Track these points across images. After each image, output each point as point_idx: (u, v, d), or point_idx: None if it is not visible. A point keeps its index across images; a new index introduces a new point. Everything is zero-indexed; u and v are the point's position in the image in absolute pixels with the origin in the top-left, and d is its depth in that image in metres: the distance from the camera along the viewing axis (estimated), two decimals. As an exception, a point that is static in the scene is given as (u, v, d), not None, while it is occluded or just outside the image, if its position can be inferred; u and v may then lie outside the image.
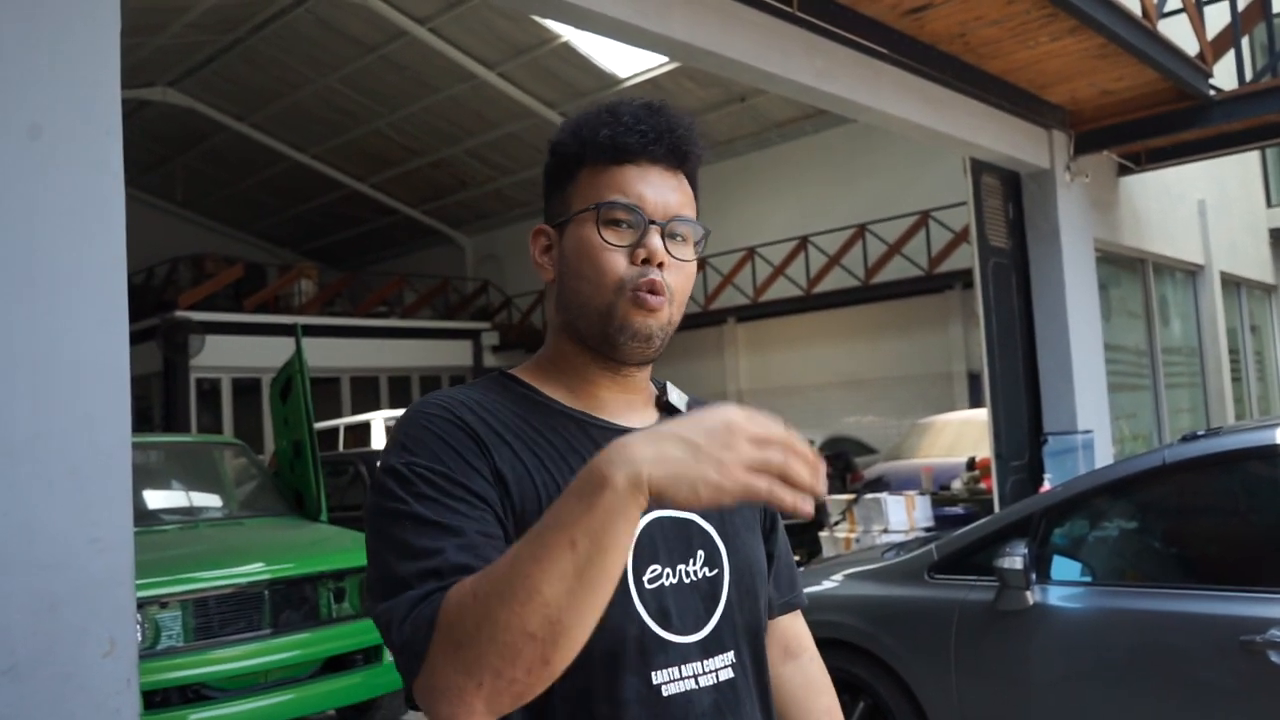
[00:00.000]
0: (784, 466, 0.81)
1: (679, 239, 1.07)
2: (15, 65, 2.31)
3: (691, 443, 0.80)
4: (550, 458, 1.01)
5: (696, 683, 1.01)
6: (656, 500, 0.81)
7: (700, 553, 1.06)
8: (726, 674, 1.04)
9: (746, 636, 1.08)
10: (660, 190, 1.06)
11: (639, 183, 1.06)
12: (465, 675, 0.82)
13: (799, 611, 1.29)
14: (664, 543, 1.03)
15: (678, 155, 1.09)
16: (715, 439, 0.81)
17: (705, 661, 1.02)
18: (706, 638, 1.03)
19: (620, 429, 1.06)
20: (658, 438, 0.82)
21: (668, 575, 1.02)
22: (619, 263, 1.03)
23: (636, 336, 1.04)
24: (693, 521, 1.06)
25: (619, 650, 0.97)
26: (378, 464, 1.01)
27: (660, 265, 1.03)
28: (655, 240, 1.04)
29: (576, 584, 0.80)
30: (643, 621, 0.99)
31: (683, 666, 1.00)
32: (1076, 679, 3.05)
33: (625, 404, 1.11)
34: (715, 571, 1.06)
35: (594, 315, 1.04)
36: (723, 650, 1.04)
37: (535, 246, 1.12)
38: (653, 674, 0.98)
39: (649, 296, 1.03)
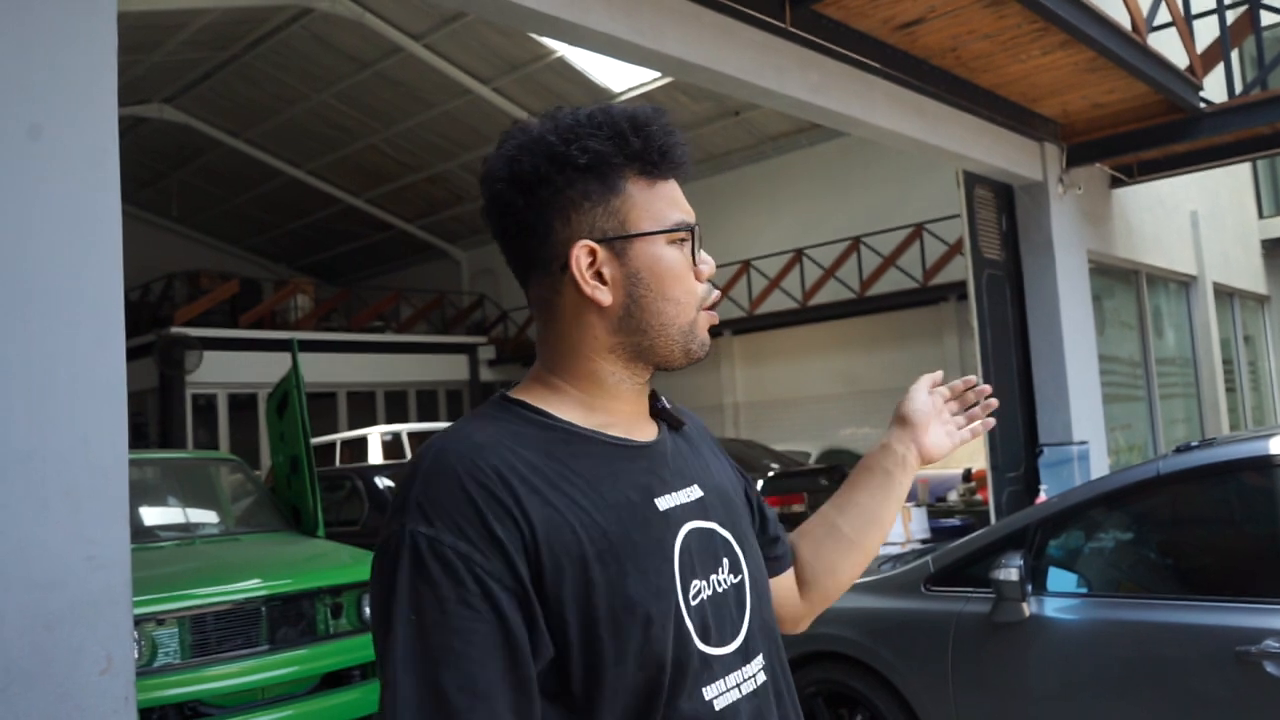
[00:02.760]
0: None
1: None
2: (13, 83, 2.32)
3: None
4: (581, 490, 0.96)
5: (740, 691, 1.01)
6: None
7: (725, 561, 1.05)
8: (761, 677, 1.04)
9: (769, 635, 1.09)
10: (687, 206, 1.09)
11: (682, 199, 1.08)
12: None
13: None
14: (698, 556, 1.02)
15: (686, 169, 1.10)
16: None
17: (745, 669, 1.02)
18: (742, 645, 1.03)
19: (636, 445, 1.05)
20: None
21: (705, 589, 1.01)
22: (696, 283, 1.06)
23: (707, 348, 1.09)
24: (716, 531, 1.06)
25: (674, 673, 0.95)
26: (389, 520, 0.94)
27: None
28: (711, 259, 1.09)
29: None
30: (693, 640, 0.98)
31: (727, 678, 1.00)
32: (1073, 690, 3.05)
33: (633, 417, 1.08)
34: (739, 578, 1.07)
35: (678, 334, 1.05)
36: (756, 654, 1.05)
37: (580, 264, 1.01)
38: (703, 690, 0.97)
39: (714, 313, 1.10)
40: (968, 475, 8.35)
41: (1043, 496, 6.15)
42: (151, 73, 14.71)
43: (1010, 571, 3.10)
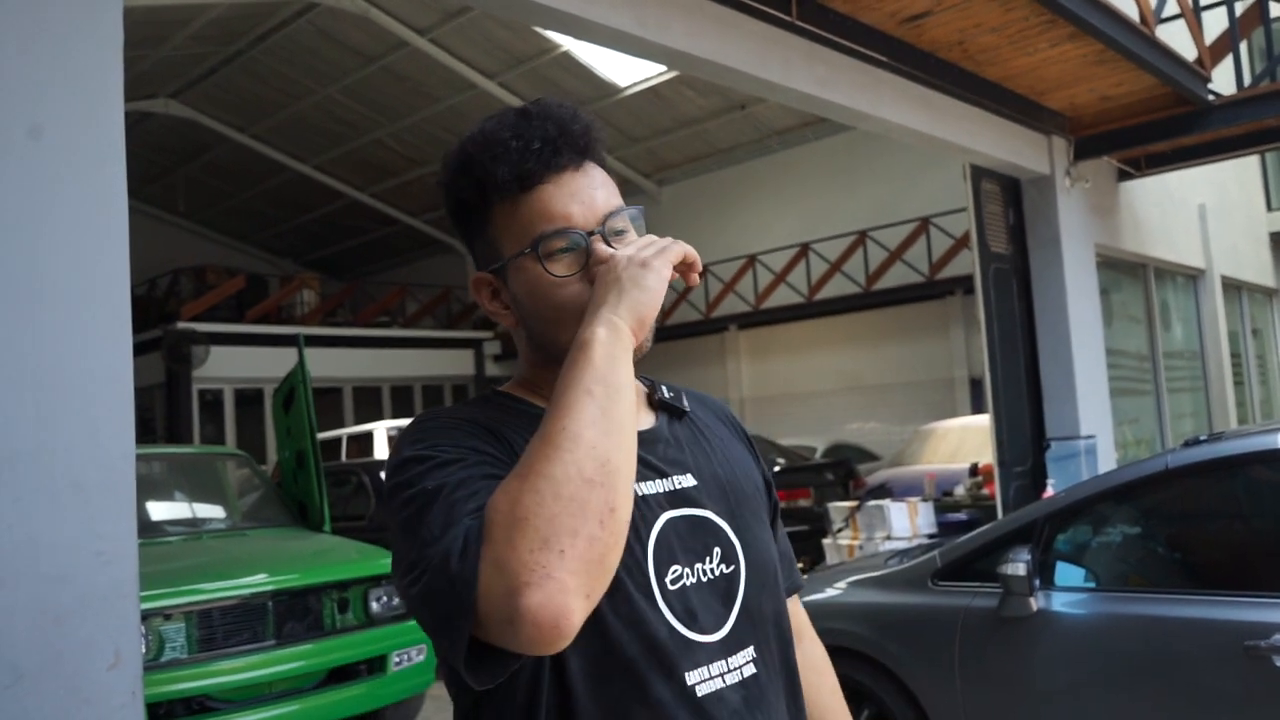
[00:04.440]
0: (676, 253, 0.99)
1: (621, 233, 1.03)
2: (19, 78, 2.32)
3: (619, 279, 0.96)
4: None
5: (724, 681, 1.01)
6: (637, 328, 0.94)
7: (716, 550, 1.05)
8: (749, 670, 1.04)
9: (769, 628, 1.08)
10: (582, 196, 1.02)
11: (559, 200, 1.01)
12: (542, 548, 0.81)
13: (796, 596, 1.29)
14: (680, 543, 1.03)
15: (579, 151, 1.03)
16: (631, 265, 0.96)
17: (729, 659, 1.02)
18: (728, 636, 1.03)
19: None
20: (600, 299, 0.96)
21: (688, 575, 1.02)
22: (577, 290, 1.00)
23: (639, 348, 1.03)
24: (708, 519, 1.06)
25: (649, 653, 0.96)
26: (388, 468, 1.00)
27: None
28: (604, 250, 1.00)
29: (606, 423, 0.87)
30: (669, 623, 0.98)
31: (711, 666, 1.00)
32: (1081, 685, 3.04)
33: None
34: (732, 568, 1.06)
35: (568, 344, 0.98)
36: (743, 647, 1.04)
37: (482, 297, 1.07)
38: (685, 675, 0.98)
39: None
40: (974, 470, 8.34)
41: (1050, 491, 6.14)
42: (157, 68, 14.73)
43: (1018, 566, 3.09)
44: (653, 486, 1.04)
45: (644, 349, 1.00)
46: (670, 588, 1.00)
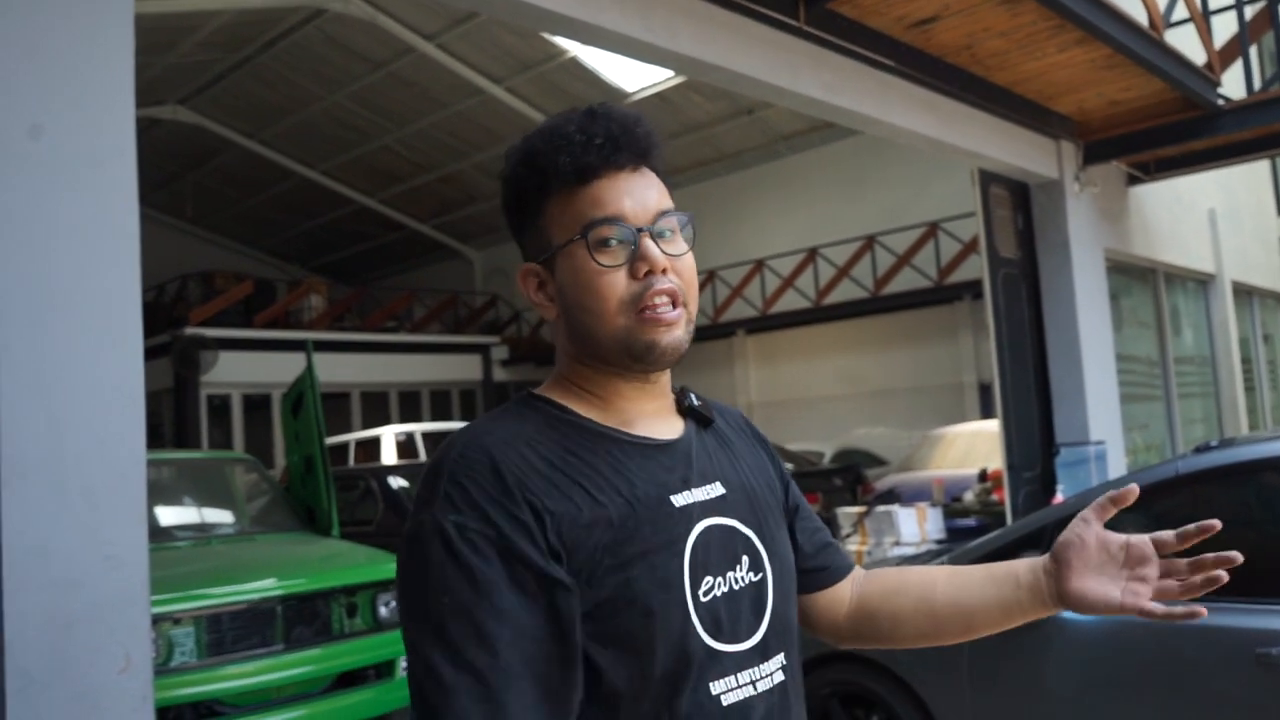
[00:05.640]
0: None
1: (669, 235, 1.05)
2: (29, 84, 2.33)
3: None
4: (597, 485, 1.00)
5: (755, 688, 1.02)
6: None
7: (745, 558, 1.06)
8: (779, 677, 1.05)
9: (789, 637, 1.09)
10: (636, 194, 1.04)
11: (613, 195, 1.03)
12: None
13: (857, 568, 1.31)
14: (713, 553, 1.03)
15: (639, 153, 1.06)
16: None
17: (761, 666, 1.03)
18: (760, 643, 1.04)
19: (656, 443, 1.07)
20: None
21: (719, 585, 1.02)
22: (620, 283, 1.02)
23: (666, 352, 1.03)
24: (736, 528, 1.07)
25: (680, 667, 0.97)
26: (416, 511, 0.98)
27: (664, 271, 1.03)
28: (651, 247, 1.02)
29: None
30: (699, 635, 0.99)
31: (739, 675, 1.01)
32: (1091, 691, 3.03)
33: (653, 413, 1.10)
34: (760, 576, 1.07)
35: (610, 341, 1.03)
36: (776, 653, 1.06)
37: (528, 288, 1.09)
38: (710, 685, 0.99)
39: (664, 311, 1.02)
40: (983, 475, 8.32)
41: (1059, 497, 6.12)
42: (165, 74, 14.79)
43: (1028, 572, 3.07)
44: (687, 498, 1.04)
45: (678, 354, 1.04)
46: (703, 600, 1.00)
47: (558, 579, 0.93)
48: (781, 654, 1.06)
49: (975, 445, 9.83)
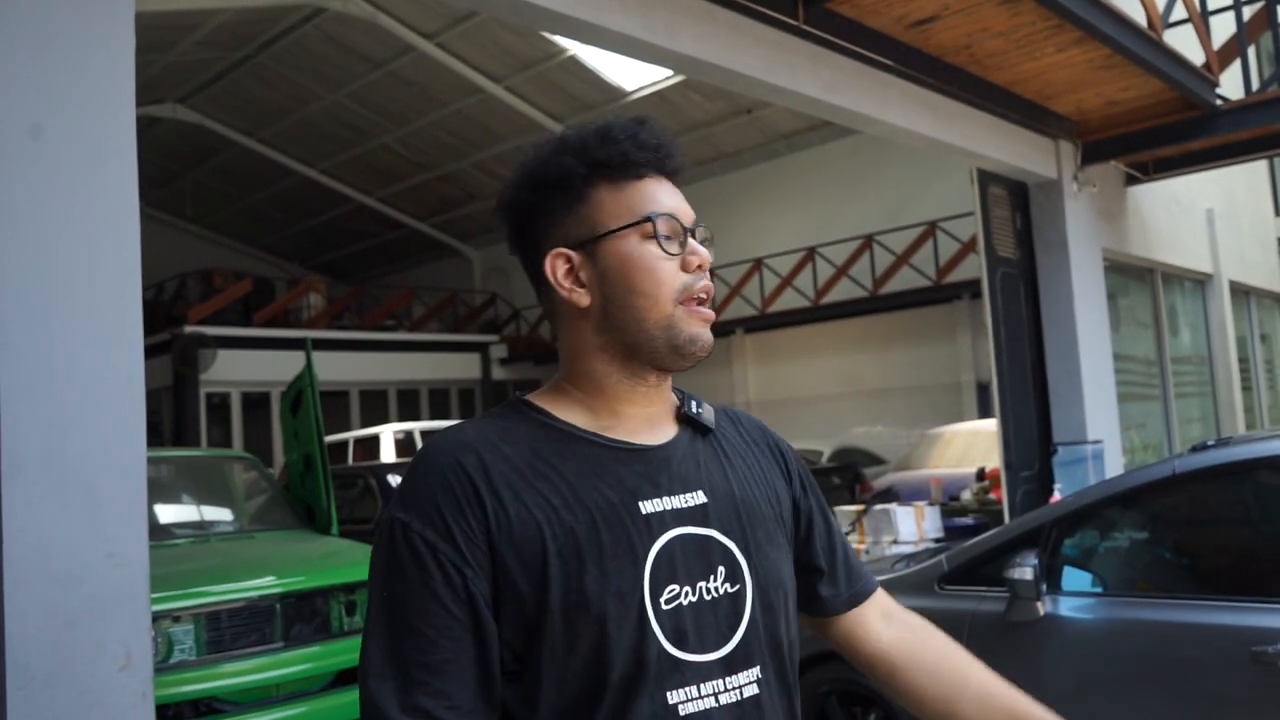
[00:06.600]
0: None
1: (705, 242, 1.11)
2: (30, 83, 2.33)
3: None
4: (558, 489, 1.01)
5: (717, 700, 1.00)
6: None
7: (721, 569, 1.05)
8: (751, 690, 1.03)
9: (771, 650, 1.07)
10: (679, 199, 1.10)
11: (664, 194, 1.09)
12: None
13: (879, 592, 1.28)
14: (683, 561, 1.03)
15: (678, 167, 1.12)
16: None
17: (728, 679, 1.02)
18: (730, 654, 1.03)
19: (634, 448, 1.07)
20: None
21: (686, 594, 1.02)
22: (675, 272, 1.06)
23: (703, 346, 1.08)
24: (712, 538, 1.06)
25: (635, 674, 0.97)
26: (386, 506, 1.06)
27: (708, 271, 1.09)
28: (702, 247, 1.09)
29: None
30: (659, 643, 0.99)
31: (701, 685, 1.00)
32: (1088, 690, 3.04)
33: (646, 419, 1.10)
34: (737, 587, 1.06)
35: (655, 329, 1.06)
36: (749, 666, 1.04)
37: (555, 271, 1.08)
38: (668, 694, 0.98)
39: (705, 308, 1.08)
40: (981, 474, 8.33)
41: (1057, 496, 6.13)
42: (165, 73, 14.79)
43: (1025, 570, 3.09)
44: (657, 505, 1.04)
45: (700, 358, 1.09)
46: (664, 607, 1.00)
47: (479, 591, 0.97)
48: (757, 668, 1.04)
49: (973, 444, 9.84)
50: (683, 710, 0.98)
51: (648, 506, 1.03)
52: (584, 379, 1.09)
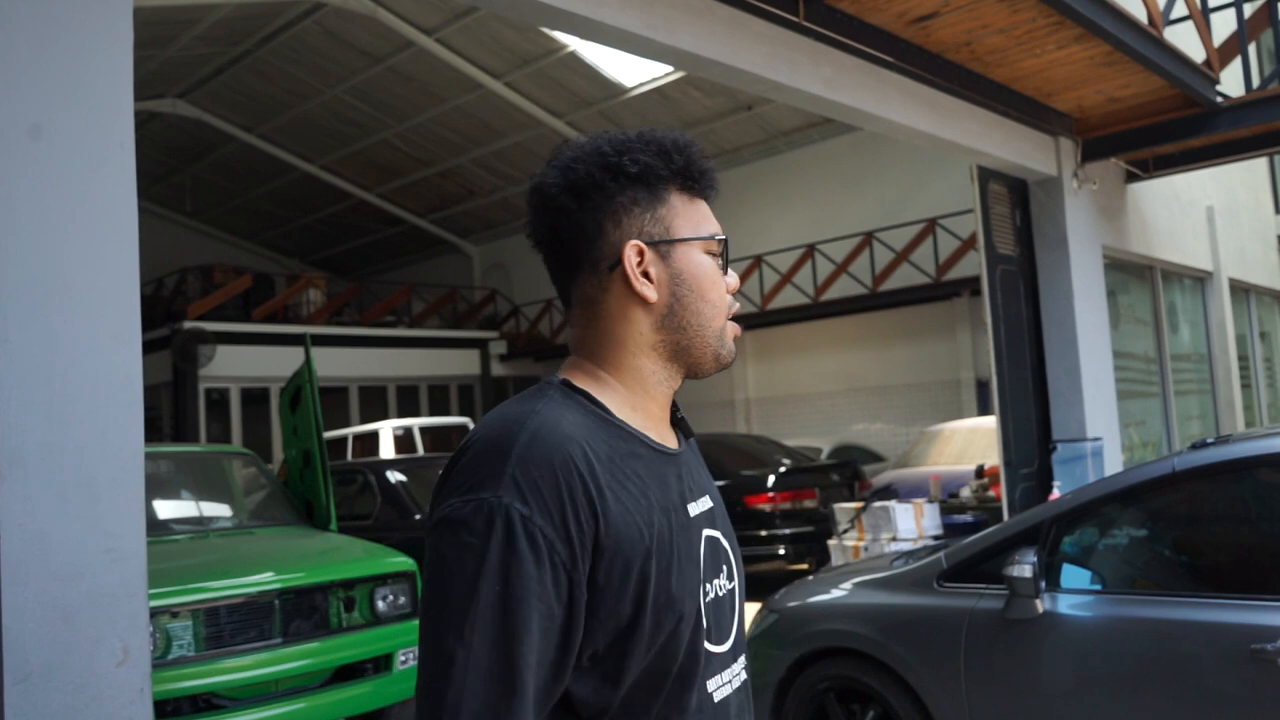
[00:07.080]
0: None
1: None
2: (28, 79, 2.33)
3: None
4: (641, 490, 1.03)
5: (731, 686, 1.11)
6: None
7: (725, 567, 1.14)
8: (742, 675, 1.14)
9: (745, 641, 1.19)
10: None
11: (714, 219, 1.15)
12: None
13: None
14: (711, 561, 1.11)
15: (717, 194, 1.18)
16: None
17: (733, 667, 1.12)
18: (733, 644, 1.13)
19: (672, 453, 1.12)
20: None
21: (712, 592, 1.10)
22: (725, 291, 1.14)
23: (734, 356, 1.16)
24: (719, 539, 1.14)
25: (692, 665, 1.04)
26: (472, 487, 0.97)
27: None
28: (735, 276, 1.17)
29: None
30: (704, 636, 1.07)
31: (722, 674, 1.10)
32: (1087, 687, 3.04)
33: (661, 421, 1.15)
34: (733, 584, 1.15)
35: (711, 337, 1.12)
36: (741, 654, 1.15)
37: (630, 260, 1.08)
38: (708, 682, 1.07)
39: (736, 323, 1.17)
40: (980, 471, 8.32)
41: (1056, 493, 6.13)
42: (164, 68, 14.78)
43: (1024, 568, 3.09)
44: (694, 508, 1.11)
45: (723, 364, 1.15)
46: (707, 603, 1.08)
47: (579, 596, 0.96)
48: (743, 656, 1.16)
49: (972, 441, 9.84)
50: (716, 697, 1.08)
51: (692, 509, 1.10)
52: (628, 373, 1.10)
